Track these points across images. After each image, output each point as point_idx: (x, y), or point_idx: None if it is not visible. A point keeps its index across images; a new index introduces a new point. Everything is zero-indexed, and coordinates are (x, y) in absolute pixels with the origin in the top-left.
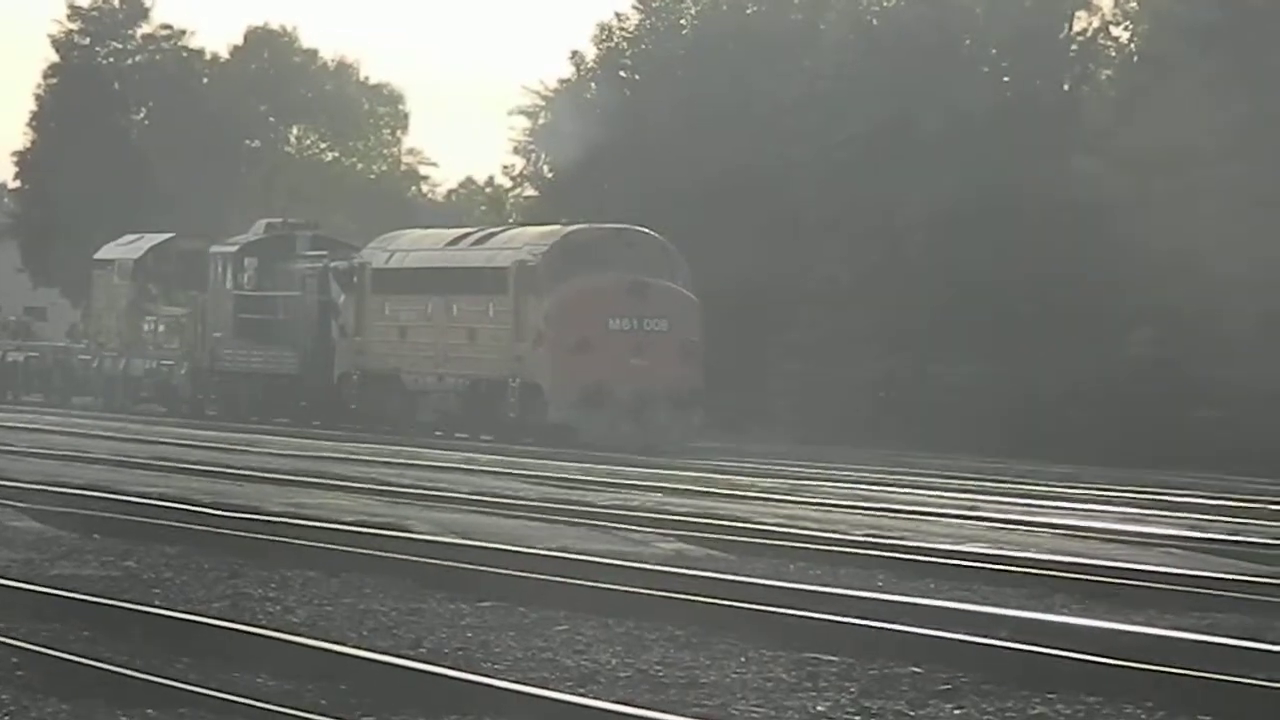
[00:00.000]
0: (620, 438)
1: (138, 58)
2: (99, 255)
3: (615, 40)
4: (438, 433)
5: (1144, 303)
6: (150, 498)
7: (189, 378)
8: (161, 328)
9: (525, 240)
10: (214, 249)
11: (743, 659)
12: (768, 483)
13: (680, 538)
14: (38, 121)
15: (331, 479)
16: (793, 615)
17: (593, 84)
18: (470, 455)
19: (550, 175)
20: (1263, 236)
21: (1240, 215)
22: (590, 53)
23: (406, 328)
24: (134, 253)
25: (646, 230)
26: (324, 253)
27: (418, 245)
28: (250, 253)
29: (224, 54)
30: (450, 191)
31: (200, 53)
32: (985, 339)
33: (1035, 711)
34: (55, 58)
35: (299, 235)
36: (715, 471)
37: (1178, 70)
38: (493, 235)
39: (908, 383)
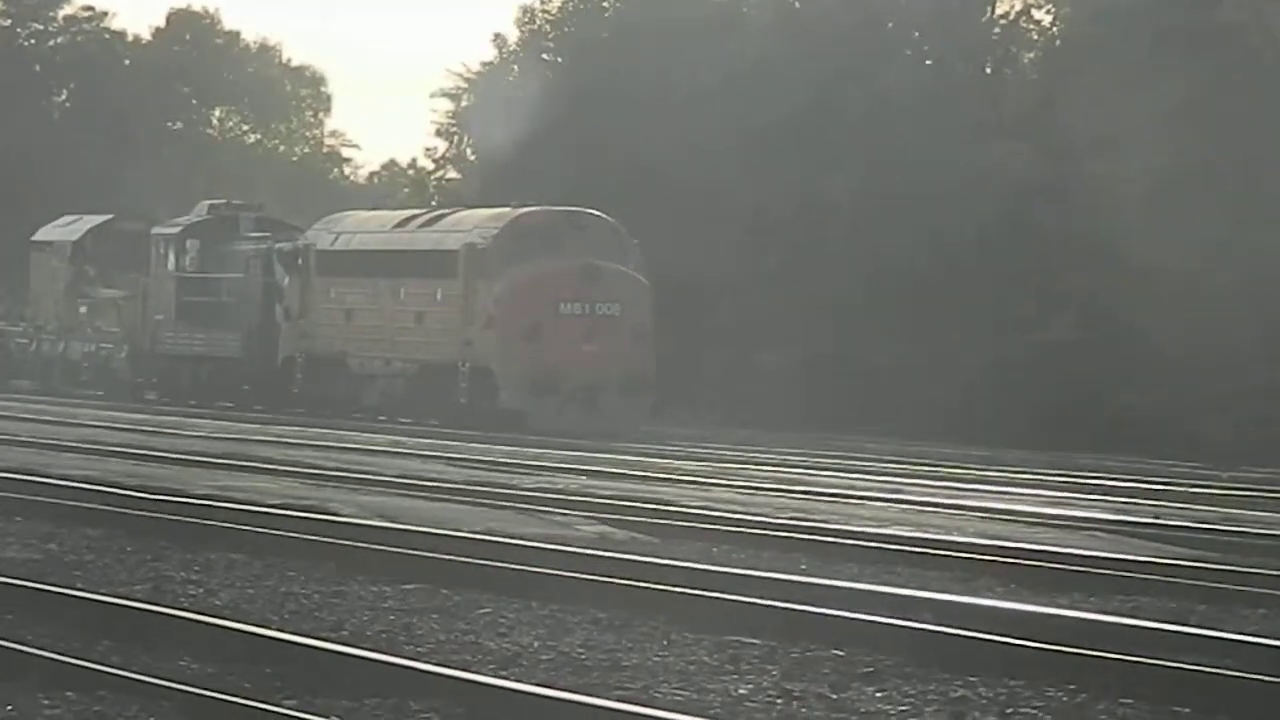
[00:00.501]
0: (571, 423)
1: (59, 39)
2: (36, 237)
3: (538, 23)
4: (381, 418)
5: (1067, 287)
6: (73, 480)
7: (129, 361)
8: (101, 310)
9: (474, 223)
10: (155, 230)
11: (665, 642)
12: (692, 466)
13: (604, 521)
14: None
15: (257, 462)
16: (715, 598)
17: (515, 67)
18: (397, 439)
19: (473, 158)
20: (1183, 221)
21: (1161, 200)
22: (513, 35)
23: (352, 311)
24: (72, 234)
25: (598, 213)
26: (268, 234)
27: (364, 227)
28: (193, 234)
29: (146, 36)
30: (373, 174)
31: (122, 34)
32: (908, 322)
33: (957, 694)
34: None
35: (242, 216)
36: (640, 455)
37: (1099, 54)
38: (441, 217)
39: (831, 366)
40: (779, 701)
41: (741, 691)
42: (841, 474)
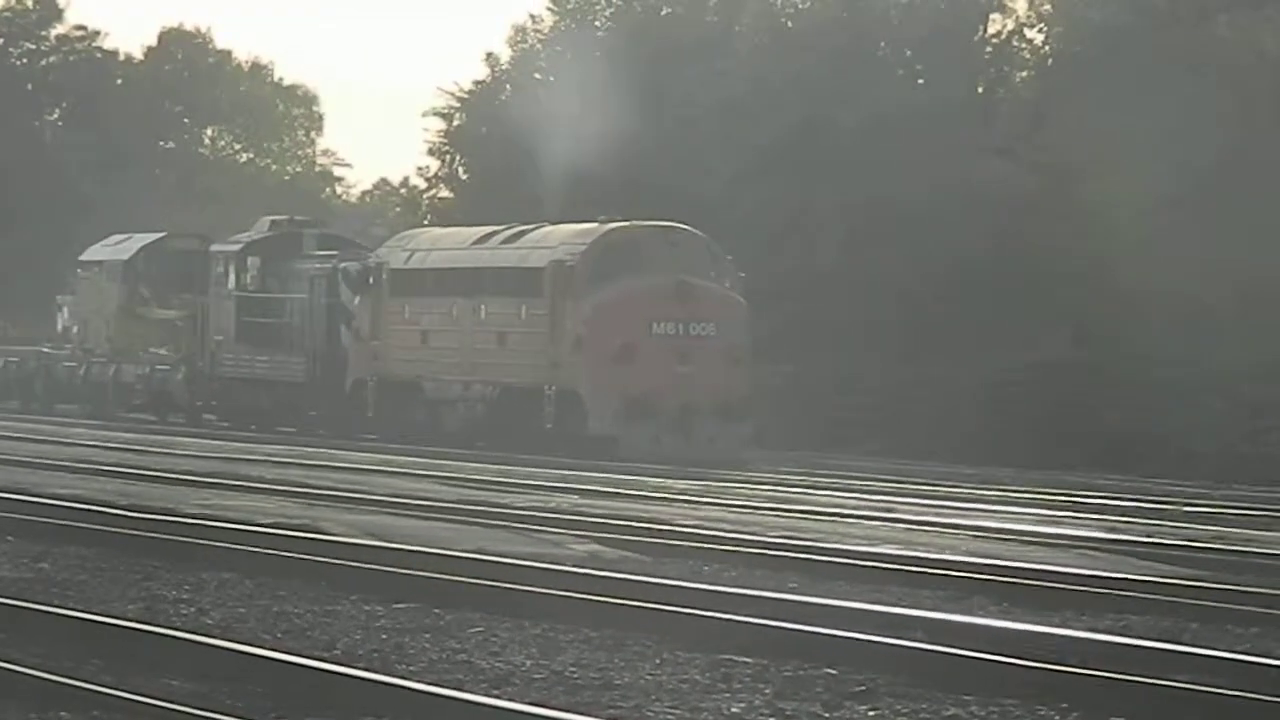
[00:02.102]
0: (665, 450)
1: (51, 58)
2: (85, 256)
3: (530, 42)
4: (476, 448)
5: (1059, 305)
6: (65, 499)
7: (186, 383)
8: (156, 331)
9: (560, 238)
10: (215, 248)
11: (657, 660)
12: (683, 485)
13: (595, 540)
14: None
15: (248, 481)
16: (707, 617)
17: (507, 85)
18: (387, 458)
19: (466, 177)
20: (1177, 239)
21: (1154, 219)
22: (505, 54)
23: (429, 332)
24: (123, 253)
25: (691, 228)
26: (333, 252)
27: (440, 244)
28: (254, 252)
29: (138, 55)
30: (364, 193)
31: (114, 54)
32: (901, 340)
33: (949, 713)
34: None
35: (305, 233)
36: (631, 474)
37: (1092, 74)
38: (523, 233)
39: (824, 385)
40: None
41: (734, 710)
42: (834, 492)
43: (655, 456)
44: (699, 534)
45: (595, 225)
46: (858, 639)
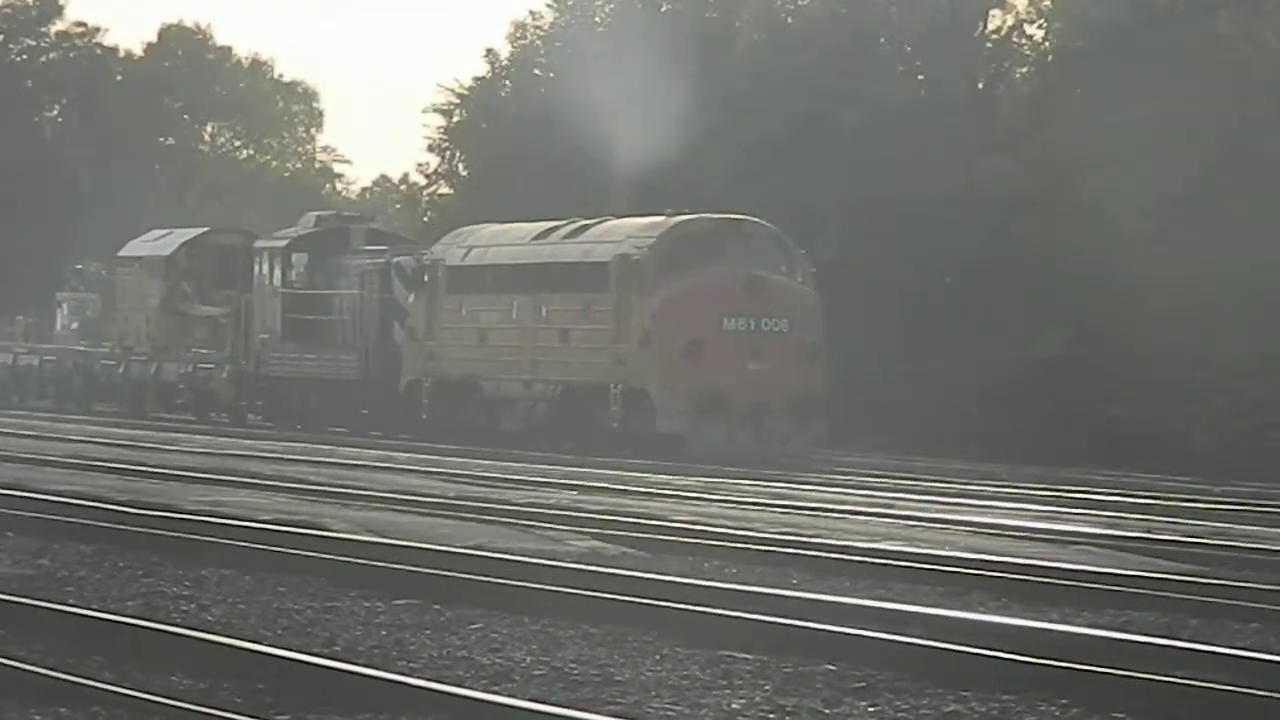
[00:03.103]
0: (736, 449)
1: (51, 55)
2: (123, 252)
3: (530, 38)
4: (535, 449)
5: (1058, 302)
6: (65, 495)
7: (231, 382)
8: (199, 329)
9: (626, 232)
10: (259, 243)
11: (657, 657)
12: (682, 481)
13: (595, 536)
14: None
15: (248, 477)
16: (707, 613)
17: (507, 82)
18: (387, 454)
19: (466, 173)
20: (1175, 236)
21: (1153, 215)
22: (505, 50)
23: (487, 330)
24: (164, 249)
25: (761, 221)
26: (383, 248)
27: (498, 240)
28: (300, 248)
29: (138, 51)
30: (364, 189)
31: (114, 50)
32: (900, 337)
33: (950, 709)
34: None
35: (353, 229)
36: (630, 470)
37: (1091, 70)
38: (587, 227)
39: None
40: (772, 716)
41: (734, 706)
42: (831, 489)
43: (726, 457)
44: (697, 530)
45: (662, 218)
46: (857, 635)
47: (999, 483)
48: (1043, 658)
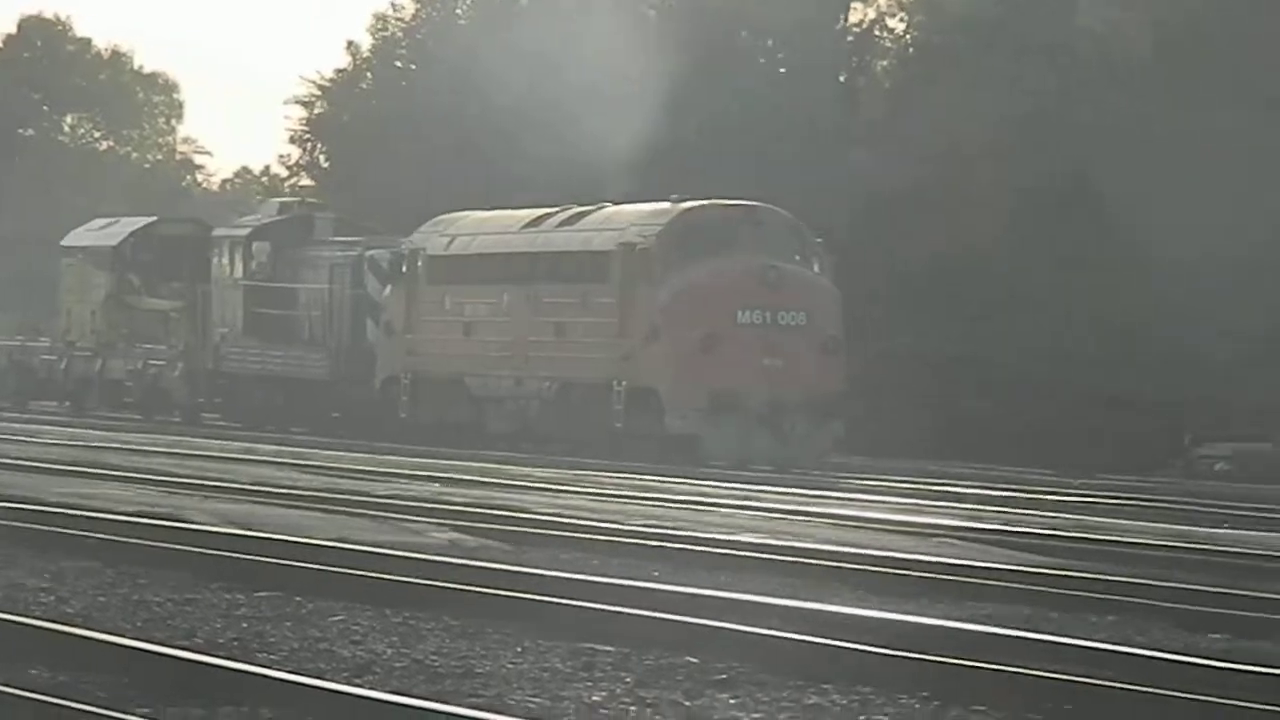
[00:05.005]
0: (753, 451)
1: None
2: (66, 242)
3: (391, 30)
4: (521, 449)
5: (922, 295)
6: None
7: (185, 380)
8: (148, 323)
9: (630, 219)
10: (218, 232)
11: (519, 649)
12: (545, 473)
13: (456, 528)
14: None
15: (111, 469)
16: (569, 605)
17: (369, 74)
18: (249, 445)
19: (327, 165)
20: (1034, 233)
21: (1010, 210)
22: (366, 42)
23: (473, 324)
24: (110, 239)
25: (777, 209)
26: (355, 239)
27: (485, 228)
28: (263, 237)
29: None
30: (225, 181)
31: None
32: None
33: (810, 702)
34: None
35: (318, 218)
36: (495, 462)
37: (952, 63)
38: (583, 215)
39: None
40: (633, 708)
41: (595, 698)
42: (693, 480)
43: (743, 459)
44: (560, 522)
45: (669, 205)
46: (718, 627)
47: (860, 475)
48: (903, 650)
